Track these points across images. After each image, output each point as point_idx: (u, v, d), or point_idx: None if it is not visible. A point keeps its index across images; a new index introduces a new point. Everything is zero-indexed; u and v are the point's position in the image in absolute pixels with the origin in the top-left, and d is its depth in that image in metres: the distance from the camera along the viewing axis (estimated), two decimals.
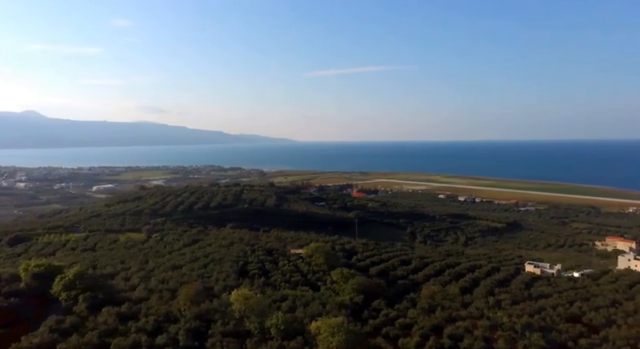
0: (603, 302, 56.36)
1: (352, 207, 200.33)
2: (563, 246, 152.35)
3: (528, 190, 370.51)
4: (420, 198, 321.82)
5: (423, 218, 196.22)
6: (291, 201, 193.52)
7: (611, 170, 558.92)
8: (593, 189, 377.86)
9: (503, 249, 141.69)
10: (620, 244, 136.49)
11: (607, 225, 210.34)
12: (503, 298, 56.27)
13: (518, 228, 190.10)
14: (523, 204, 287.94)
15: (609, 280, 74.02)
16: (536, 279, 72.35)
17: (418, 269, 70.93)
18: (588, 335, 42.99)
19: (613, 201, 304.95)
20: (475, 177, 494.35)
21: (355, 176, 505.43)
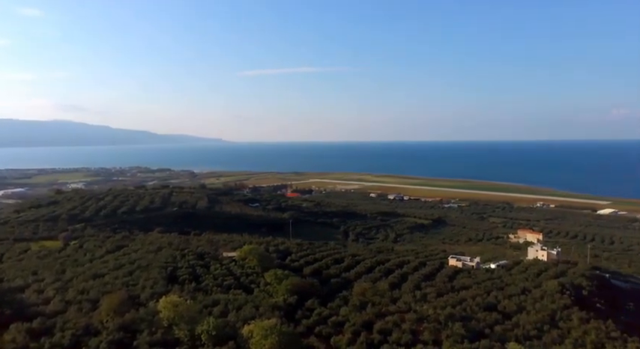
0: (515, 291, 61.72)
1: (287, 208, 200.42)
2: (482, 239, 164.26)
3: (452, 188, 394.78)
4: (353, 197, 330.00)
5: (355, 217, 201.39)
6: (223, 203, 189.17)
7: (524, 169, 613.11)
8: (508, 186, 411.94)
9: (430, 244, 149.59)
10: (530, 236, 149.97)
11: (519, 218, 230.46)
12: (428, 291, 59.45)
13: (442, 224, 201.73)
14: (447, 201, 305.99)
15: (520, 270, 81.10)
16: (459, 272, 77.28)
17: (350, 267, 72.73)
18: (502, 322, 46.84)
19: (524, 196, 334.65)
20: (404, 176, 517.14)
21: (290, 176, 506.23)
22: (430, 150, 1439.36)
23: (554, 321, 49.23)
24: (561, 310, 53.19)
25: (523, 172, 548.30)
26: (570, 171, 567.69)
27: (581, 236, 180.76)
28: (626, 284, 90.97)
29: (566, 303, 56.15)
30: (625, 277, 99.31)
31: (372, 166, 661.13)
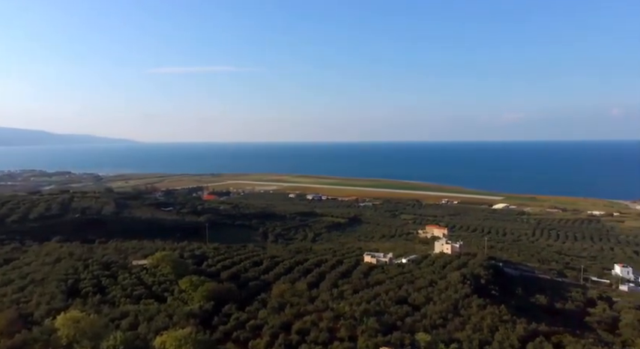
0: (423, 283, 66.13)
1: (203, 211, 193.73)
2: (394, 235, 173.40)
3: (366, 187, 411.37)
4: (272, 198, 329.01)
5: (274, 217, 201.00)
6: (133, 208, 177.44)
7: (434, 168, 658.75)
8: (417, 184, 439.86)
9: (346, 242, 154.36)
10: (436, 231, 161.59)
11: (427, 215, 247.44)
12: (345, 289, 61.35)
13: (358, 222, 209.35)
14: (362, 200, 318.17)
15: (428, 263, 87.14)
16: (373, 268, 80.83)
17: (269, 269, 72.45)
18: (412, 314, 49.93)
19: (431, 194, 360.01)
20: (321, 176, 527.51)
21: (206, 178, 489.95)
22: (344, 150, 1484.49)
23: (456, 309, 53.63)
24: (463, 299, 58.11)
25: (431, 171, 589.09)
26: (473, 170, 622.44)
27: (479, 229, 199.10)
28: (516, 271, 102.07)
29: (467, 292, 61.46)
30: (515, 265, 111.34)
31: (291, 167, 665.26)
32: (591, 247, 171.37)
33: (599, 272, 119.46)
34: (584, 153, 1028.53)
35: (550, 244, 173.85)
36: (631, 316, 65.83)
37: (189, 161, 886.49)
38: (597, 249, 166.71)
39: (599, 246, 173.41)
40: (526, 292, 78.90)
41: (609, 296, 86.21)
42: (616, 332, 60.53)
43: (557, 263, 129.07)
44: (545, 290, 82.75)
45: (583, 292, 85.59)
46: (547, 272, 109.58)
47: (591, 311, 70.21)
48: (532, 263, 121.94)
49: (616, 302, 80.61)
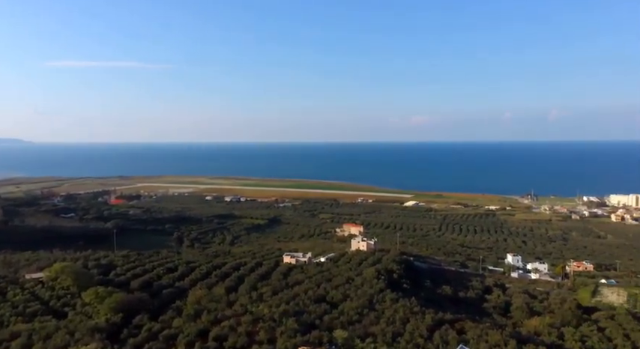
0: (341, 281, 68.10)
1: (110, 216, 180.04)
2: (313, 235, 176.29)
3: (285, 188, 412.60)
4: (187, 200, 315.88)
5: (190, 221, 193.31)
6: (26, 215, 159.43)
7: (349, 168, 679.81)
8: (334, 184, 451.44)
9: (266, 243, 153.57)
10: (353, 229, 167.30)
11: (344, 214, 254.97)
12: (264, 291, 60.98)
13: (277, 223, 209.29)
14: (282, 200, 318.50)
15: (345, 261, 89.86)
16: (292, 268, 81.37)
17: (185, 275, 69.57)
18: (330, 311, 51.16)
19: (348, 193, 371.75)
20: (239, 177, 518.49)
21: (113, 181, 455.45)
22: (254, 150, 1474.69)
23: (372, 304, 56.02)
24: (377, 294, 60.88)
25: (347, 171, 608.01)
26: (385, 169, 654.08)
27: (392, 226, 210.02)
28: (425, 264, 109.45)
29: (381, 287, 64.50)
30: (424, 259, 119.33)
31: (208, 168, 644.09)
32: (488, 239, 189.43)
33: (495, 261, 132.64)
34: (483, 154, 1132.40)
35: (454, 238, 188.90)
36: (520, 300, 73.99)
37: (92, 163, 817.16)
38: (493, 241, 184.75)
39: (495, 238, 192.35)
40: (434, 284, 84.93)
41: (503, 283, 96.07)
42: (508, 315, 67.65)
43: (460, 255, 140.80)
44: (450, 281, 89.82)
45: (481, 281, 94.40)
46: (452, 264, 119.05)
47: (488, 298, 77.67)
48: (439, 256, 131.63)
49: (508, 288, 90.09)
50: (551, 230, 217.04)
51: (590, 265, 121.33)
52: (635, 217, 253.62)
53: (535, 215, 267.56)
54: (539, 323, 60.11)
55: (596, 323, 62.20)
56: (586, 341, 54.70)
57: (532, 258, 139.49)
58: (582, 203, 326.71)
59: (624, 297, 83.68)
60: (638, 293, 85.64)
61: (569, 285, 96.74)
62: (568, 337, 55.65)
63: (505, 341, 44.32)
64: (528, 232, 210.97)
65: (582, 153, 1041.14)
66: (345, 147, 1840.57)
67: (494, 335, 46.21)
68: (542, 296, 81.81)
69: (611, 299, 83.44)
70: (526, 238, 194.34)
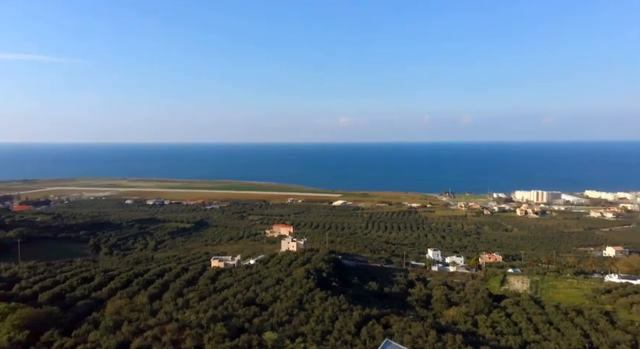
0: (271, 282, 67.81)
1: (13, 224, 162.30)
2: (243, 237, 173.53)
3: (213, 189, 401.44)
4: (105, 204, 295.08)
5: (108, 227, 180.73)
6: None
7: (278, 168, 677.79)
8: (264, 185, 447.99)
9: (192, 247, 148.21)
10: (283, 230, 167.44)
11: (274, 214, 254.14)
12: (191, 297, 58.84)
13: (205, 226, 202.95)
14: (209, 202, 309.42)
15: (275, 262, 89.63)
16: (221, 272, 79.43)
17: (102, 285, 64.92)
18: (260, 314, 50.73)
19: (277, 194, 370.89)
20: (163, 179, 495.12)
21: (16, 185, 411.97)
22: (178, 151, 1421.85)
23: (301, 304, 56.46)
24: (307, 293, 61.49)
25: (277, 171, 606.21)
26: (313, 169, 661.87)
27: (321, 225, 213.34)
28: (353, 262, 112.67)
29: (310, 286, 65.23)
30: (352, 256, 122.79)
31: (125, 170, 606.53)
32: (411, 235, 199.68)
33: (417, 256, 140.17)
34: (405, 154, 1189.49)
35: (380, 235, 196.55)
36: (440, 292, 78.93)
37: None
38: (415, 237, 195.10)
39: (417, 234, 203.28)
40: (361, 280, 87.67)
41: (424, 276, 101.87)
42: (429, 307, 71.85)
43: (385, 251, 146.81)
44: (377, 277, 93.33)
45: (405, 275, 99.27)
46: (378, 260, 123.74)
47: (411, 292, 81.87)
48: (366, 253, 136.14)
49: (429, 281, 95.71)
50: (466, 225, 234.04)
51: (500, 256, 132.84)
52: (536, 211, 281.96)
53: (452, 211, 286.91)
54: (456, 313, 64.61)
55: (504, 310, 68.25)
56: (496, 326, 59.81)
57: (450, 251, 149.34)
58: (492, 199, 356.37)
59: (527, 284, 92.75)
60: (538, 279, 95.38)
61: (482, 276, 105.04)
62: (481, 324, 60.45)
63: (426, 332, 47.02)
64: (446, 227, 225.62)
65: (492, 153, 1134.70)
66: (271, 147, 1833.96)
67: (416, 327, 48.84)
68: (458, 287, 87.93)
69: (517, 286, 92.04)
70: (445, 233, 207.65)
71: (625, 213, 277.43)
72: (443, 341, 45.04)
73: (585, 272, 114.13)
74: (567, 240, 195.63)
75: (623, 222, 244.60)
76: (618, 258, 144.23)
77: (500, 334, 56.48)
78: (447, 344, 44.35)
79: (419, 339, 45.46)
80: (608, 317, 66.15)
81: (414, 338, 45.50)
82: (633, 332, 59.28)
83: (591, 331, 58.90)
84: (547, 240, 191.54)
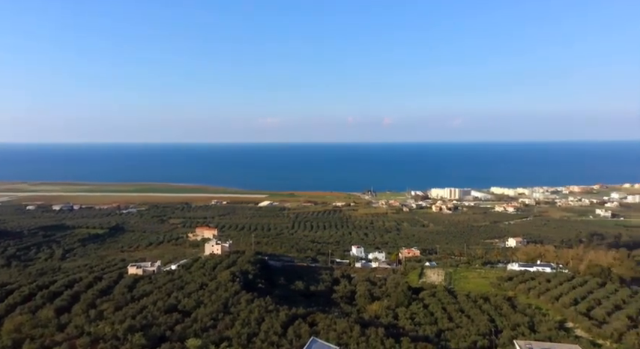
0: (194, 287, 65.50)
1: None
2: (163, 242, 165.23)
3: (129, 192, 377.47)
4: (1, 211, 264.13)
5: (5, 235, 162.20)
6: None
7: (201, 169, 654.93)
8: (185, 187, 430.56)
9: (107, 255, 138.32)
10: (207, 232, 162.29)
11: (197, 217, 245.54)
12: (105, 308, 54.92)
13: (120, 231, 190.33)
14: (125, 206, 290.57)
15: (199, 266, 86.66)
16: (139, 280, 75.01)
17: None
18: (182, 320, 48.82)
19: (200, 196, 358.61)
20: (71, 182, 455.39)
21: None
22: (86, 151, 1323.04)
23: (227, 308, 55.30)
24: (233, 296, 60.35)
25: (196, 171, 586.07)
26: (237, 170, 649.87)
27: (247, 227, 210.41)
28: (279, 262, 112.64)
29: (236, 289, 64.09)
30: (278, 257, 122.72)
31: (26, 173, 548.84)
32: (336, 233, 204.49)
33: (342, 254, 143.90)
34: (331, 154, 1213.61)
35: (306, 234, 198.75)
36: (363, 288, 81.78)
37: None
38: (340, 235, 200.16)
39: (341, 232, 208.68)
40: (288, 280, 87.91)
41: (349, 273, 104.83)
42: (353, 303, 74.14)
43: (311, 250, 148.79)
44: (303, 276, 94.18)
45: (330, 273, 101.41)
46: (304, 259, 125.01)
47: (336, 289, 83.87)
48: (292, 253, 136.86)
49: (353, 277, 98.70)
50: (387, 222, 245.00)
51: (418, 251, 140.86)
52: (449, 207, 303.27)
53: (374, 209, 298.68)
54: (378, 307, 67.38)
55: (422, 301, 72.54)
56: (415, 317, 63.39)
57: (372, 248, 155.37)
58: (411, 197, 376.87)
59: (442, 276, 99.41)
60: (452, 271, 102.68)
61: (402, 270, 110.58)
62: (401, 316, 63.69)
63: (351, 328, 48.50)
64: (369, 225, 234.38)
65: (410, 154, 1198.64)
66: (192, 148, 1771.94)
67: (341, 323, 50.18)
68: (380, 282, 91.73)
69: (433, 278, 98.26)
70: (367, 230, 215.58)
71: (523, 207, 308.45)
72: (366, 336, 46.76)
73: (491, 262, 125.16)
74: (476, 233, 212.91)
75: (522, 216, 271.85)
76: (518, 247, 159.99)
77: (418, 324, 59.95)
78: (370, 338, 46.11)
79: (344, 335, 46.75)
80: (510, 302, 73.16)
81: (339, 335, 46.69)
82: (530, 314, 66.23)
83: (496, 316, 64.76)
84: (459, 234, 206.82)
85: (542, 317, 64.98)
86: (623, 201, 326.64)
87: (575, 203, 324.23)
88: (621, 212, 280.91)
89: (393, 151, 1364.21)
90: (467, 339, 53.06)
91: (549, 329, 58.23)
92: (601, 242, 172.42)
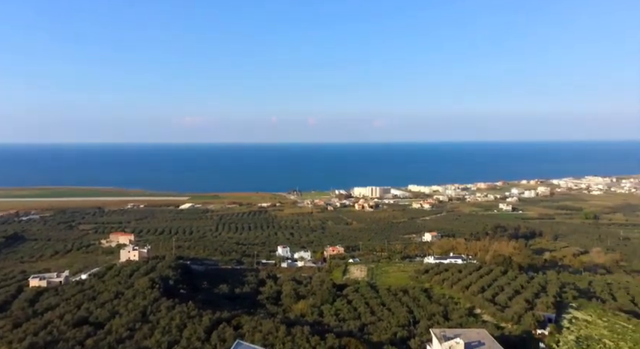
0: (108, 297, 61.11)
1: None
2: (71, 250, 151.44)
3: (31, 198, 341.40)
4: None
5: None
6: None
7: (116, 171, 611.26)
8: (98, 190, 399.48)
9: (3, 267, 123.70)
10: (122, 238, 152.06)
11: (111, 222, 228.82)
12: (1, 325, 49.28)
13: (20, 240, 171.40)
14: (25, 213, 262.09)
15: (113, 274, 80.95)
16: (42, 292, 68.25)
17: None
18: (94, 333, 45.36)
19: (115, 199, 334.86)
20: None
21: None
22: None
23: (145, 317, 52.38)
24: (152, 304, 57.28)
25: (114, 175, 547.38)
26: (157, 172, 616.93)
27: (167, 230, 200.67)
28: (202, 266, 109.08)
29: (155, 296, 60.92)
30: (201, 261, 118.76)
31: None
32: (261, 234, 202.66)
33: (268, 255, 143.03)
34: (255, 154, 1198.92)
35: (231, 236, 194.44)
36: (289, 287, 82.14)
37: None
38: (266, 236, 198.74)
39: (267, 233, 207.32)
40: (211, 284, 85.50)
41: (275, 274, 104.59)
42: (279, 303, 74.16)
43: (236, 253, 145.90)
44: (228, 279, 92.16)
45: (256, 275, 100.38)
46: (229, 262, 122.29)
47: (262, 290, 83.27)
48: (216, 256, 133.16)
49: (279, 278, 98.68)
50: (312, 221, 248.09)
51: (342, 248, 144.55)
52: (371, 205, 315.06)
53: (300, 209, 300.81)
54: (304, 306, 68.12)
55: (346, 297, 74.65)
56: (339, 313, 65.08)
57: (298, 247, 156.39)
58: (335, 196, 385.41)
59: (365, 271, 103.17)
60: (374, 267, 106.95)
61: (327, 268, 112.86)
62: (326, 313, 65.03)
63: (276, 328, 48.50)
64: (295, 225, 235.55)
65: (334, 154, 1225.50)
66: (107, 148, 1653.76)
67: (267, 324, 49.96)
68: (306, 281, 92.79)
69: (357, 274, 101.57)
70: (293, 230, 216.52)
71: (438, 203, 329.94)
72: (292, 335, 47.07)
73: (410, 256, 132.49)
74: (396, 229, 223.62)
75: (437, 211, 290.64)
76: (433, 242, 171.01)
77: (343, 320, 61.62)
78: (295, 337, 46.48)
79: (269, 336, 46.61)
80: (427, 293, 78.04)
81: (264, 336, 46.46)
82: (444, 303, 71.18)
83: (414, 307, 68.68)
84: (380, 231, 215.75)
85: (454, 306, 70.17)
86: (521, 196, 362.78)
87: (482, 199, 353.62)
88: (519, 206, 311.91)
89: (318, 151, 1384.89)
90: (388, 331, 55.61)
91: (460, 317, 63.07)
92: (503, 233, 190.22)
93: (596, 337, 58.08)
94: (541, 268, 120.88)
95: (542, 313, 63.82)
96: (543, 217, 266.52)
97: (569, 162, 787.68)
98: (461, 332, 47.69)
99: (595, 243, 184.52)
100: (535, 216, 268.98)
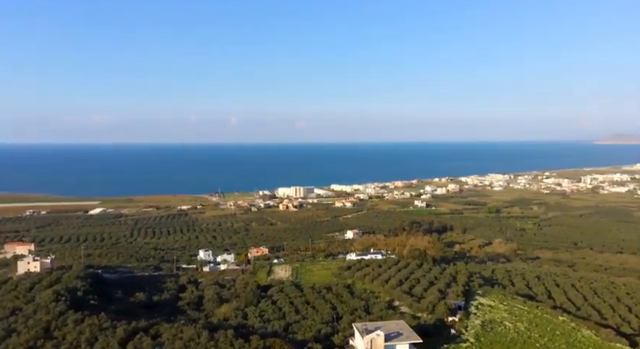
0: (3, 314, 54.73)
1: None
2: None
3: None
4: None
5: None
6: None
7: (9, 174, 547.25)
8: None
9: None
10: (19, 249, 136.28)
11: (6, 231, 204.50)
12: None
13: None
14: None
15: (9, 289, 72.53)
16: None
17: None
18: None
19: (11, 206, 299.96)
20: None
21: None
22: None
23: (48, 333, 47.75)
24: (56, 318, 52.33)
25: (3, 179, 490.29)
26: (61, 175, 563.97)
27: (75, 238, 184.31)
28: (116, 274, 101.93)
29: (61, 310, 55.72)
30: (115, 269, 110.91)
31: None
32: (182, 238, 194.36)
33: (188, 259, 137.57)
34: (172, 155, 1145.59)
35: (147, 242, 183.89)
36: (211, 292, 79.88)
37: None
38: (186, 239, 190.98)
39: (188, 237, 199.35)
40: (126, 293, 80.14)
41: (196, 278, 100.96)
42: (201, 308, 71.81)
43: (154, 258, 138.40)
44: (144, 286, 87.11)
45: (176, 280, 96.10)
46: (145, 269, 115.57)
47: (182, 296, 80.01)
48: (131, 263, 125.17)
49: (201, 282, 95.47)
50: (235, 223, 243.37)
51: (266, 249, 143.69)
52: (295, 205, 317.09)
53: (222, 211, 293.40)
54: (227, 309, 66.72)
55: (270, 298, 74.41)
56: (264, 315, 64.71)
57: (221, 250, 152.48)
58: (259, 196, 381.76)
59: (290, 271, 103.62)
60: (298, 266, 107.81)
61: (251, 270, 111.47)
62: (250, 315, 64.31)
63: (198, 334, 46.95)
64: (217, 227, 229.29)
65: (260, 154, 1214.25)
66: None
67: (188, 330, 48.15)
68: (229, 284, 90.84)
69: (281, 274, 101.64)
70: (215, 233, 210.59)
71: (359, 201, 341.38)
72: (215, 340, 45.91)
73: (333, 254, 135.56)
74: (319, 228, 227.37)
75: (358, 210, 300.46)
76: (355, 239, 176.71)
77: (267, 321, 61.35)
78: (219, 342, 45.41)
79: (191, 342, 45.05)
80: (349, 289, 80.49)
81: (185, 343, 44.80)
82: (365, 298, 73.99)
83: (338, 303, 70.49)
84: (304, 230, 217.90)
85: (375, 300, 73.21)
86: (434, 193, 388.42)
87: (399, 196, 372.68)
88: (433, 202, 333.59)
89: (241, 151, 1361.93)
90: (312, 329, 56.46)
91: (380, 310, 65.99)
92: (419, 229, 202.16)
93: (498, 320, 64.28)
94: (452, 259, 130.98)
95: (453, 301, 69.19)
96: (453, 212, 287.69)
97: (478, 160, 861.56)
98: (381, 324, 49.95)
99: (497, 235, 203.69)
100: (446, 212, 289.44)
